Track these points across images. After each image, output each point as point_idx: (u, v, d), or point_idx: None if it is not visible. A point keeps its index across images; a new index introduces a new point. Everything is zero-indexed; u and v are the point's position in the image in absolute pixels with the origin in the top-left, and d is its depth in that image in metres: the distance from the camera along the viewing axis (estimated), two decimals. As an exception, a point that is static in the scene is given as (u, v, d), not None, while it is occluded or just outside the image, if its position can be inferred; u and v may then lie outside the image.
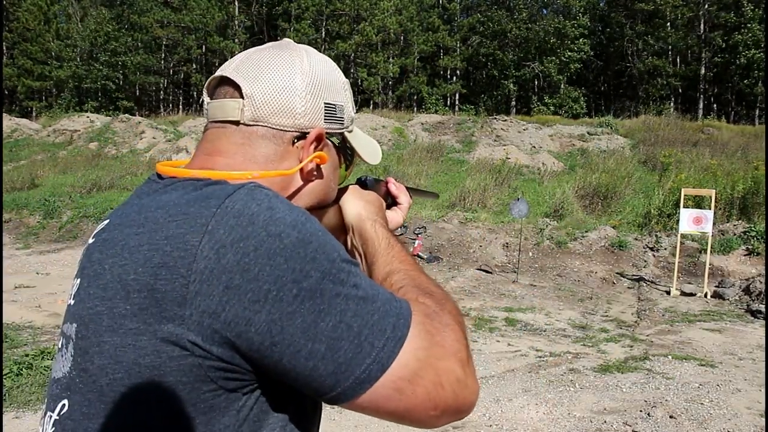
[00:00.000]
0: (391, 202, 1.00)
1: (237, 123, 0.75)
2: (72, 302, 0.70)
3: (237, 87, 0.75)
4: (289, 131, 0.76)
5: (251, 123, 0.75)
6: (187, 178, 0.71)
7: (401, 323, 0.63)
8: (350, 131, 0.86)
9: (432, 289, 0.74)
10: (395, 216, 0.99)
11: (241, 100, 0.75)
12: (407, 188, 1.05)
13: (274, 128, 0.76)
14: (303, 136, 0.77)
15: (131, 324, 0.61)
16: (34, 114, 32.96)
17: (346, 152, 0.87)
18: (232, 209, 0.61)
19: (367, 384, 0.61)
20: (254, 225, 0.60)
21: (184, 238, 0.60)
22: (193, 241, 0.60)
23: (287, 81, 0.76)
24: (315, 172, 0.80)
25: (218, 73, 0.79)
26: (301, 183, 0.79)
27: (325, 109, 0.78)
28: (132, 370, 0.61)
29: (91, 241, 0.72)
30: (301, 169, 0.78)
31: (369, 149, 0.91)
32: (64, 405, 0.66)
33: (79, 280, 0.70)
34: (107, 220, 0.73)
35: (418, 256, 10.38)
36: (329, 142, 0.82)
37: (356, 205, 0.87)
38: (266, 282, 0.58)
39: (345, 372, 0.60)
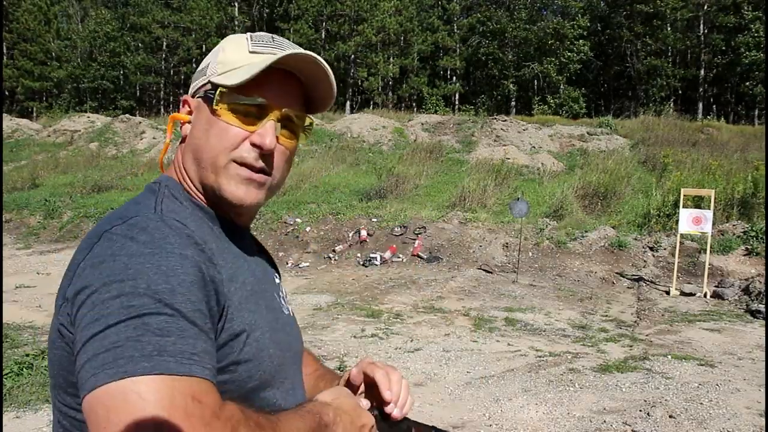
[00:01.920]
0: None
1: None
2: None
3: None
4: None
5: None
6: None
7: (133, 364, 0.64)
8: (221, 75, 0.88)
9: None
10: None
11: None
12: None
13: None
14: None
15: (56, 323, 0.76)
16: (34, 114, 32.96)
17: (208, 95, 0.89)
18: (112, 234, 0.74)
19: (83, 390, 0.65)
20: (111, 248, 0.73)
21: (83, 252, 0.76)
22: (84, 254, 0.75)
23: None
24: (188, 132, 0.95)
25: None
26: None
27: (192, 86, 0.95)
28: (51, 357, 0.79)
29: None
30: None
31: (231, 70, 0.88)
32: None
33: None
34: None
35: (418, 256, 10.39)
36: (198, 101, 0.92)
37: (336, 397, 0.86)
38: (87, 285, 0.71)
39: (81, 375, 0.66)
